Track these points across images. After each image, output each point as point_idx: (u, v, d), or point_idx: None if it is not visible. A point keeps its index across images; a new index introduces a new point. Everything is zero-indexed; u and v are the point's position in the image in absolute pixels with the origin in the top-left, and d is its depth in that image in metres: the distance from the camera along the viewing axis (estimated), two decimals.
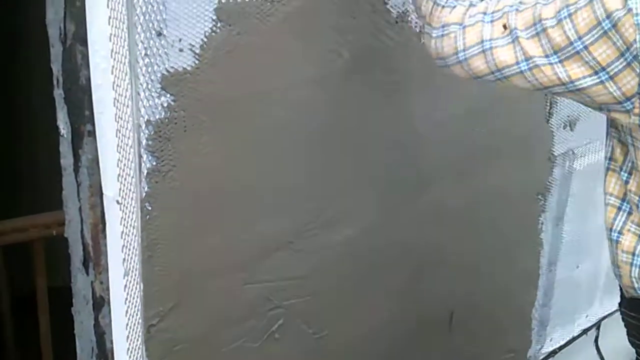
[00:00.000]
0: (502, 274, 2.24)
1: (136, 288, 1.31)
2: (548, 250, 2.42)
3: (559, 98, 2.16)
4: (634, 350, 1.43)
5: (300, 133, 1.53)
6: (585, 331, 2.71)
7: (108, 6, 1.25)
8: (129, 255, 1.29)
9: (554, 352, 2.60)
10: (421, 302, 1.99)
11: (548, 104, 2.19)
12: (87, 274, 1.35)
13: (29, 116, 3.39)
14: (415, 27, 1.71)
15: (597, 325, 2.77)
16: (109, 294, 1.34)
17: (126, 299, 1.32)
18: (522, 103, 2.09)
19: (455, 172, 1.93)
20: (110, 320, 1.36)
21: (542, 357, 2.57)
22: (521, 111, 2.10)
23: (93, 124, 1.29)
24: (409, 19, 1.69)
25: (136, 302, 1.32)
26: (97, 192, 1.30)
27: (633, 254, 1.30)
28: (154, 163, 1.28)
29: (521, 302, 2.42)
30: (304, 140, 1.55)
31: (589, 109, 1.26)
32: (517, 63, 1.18)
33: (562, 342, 2.59)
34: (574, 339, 2.66)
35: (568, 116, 2.29)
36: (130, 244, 1.29)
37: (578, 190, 2.44)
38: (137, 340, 1.34)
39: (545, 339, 2.56)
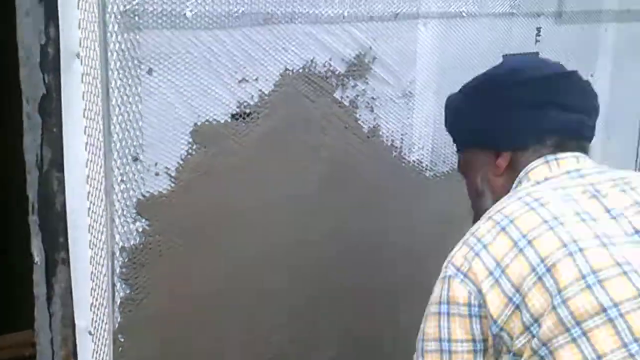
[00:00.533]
0: None
1: None
2: None
3: None
4: None
5: (275, 254, 1.53)
6: None
7: (85, 132, 1.26)
8: None
9: None
10: None
11: None
12: None
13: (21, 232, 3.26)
14: (387, 141, 1.74)
15: None
16: None
17: None
18: None
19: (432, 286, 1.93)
20: None
21: None
22: None
23: (67, 252, 1.27)
24: (380, 133, 1.72)
25: None
26: (70, 323, 1.27)
27: None
28: (128, 291, 1.26)
29: None
30: (278, 262, 1.54)
31: None
32: None
33: None
34: None
35: None
36: None
37: None
38: None
39: None
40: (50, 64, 1.25)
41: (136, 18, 1.21)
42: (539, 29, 2.05)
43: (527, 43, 2.04)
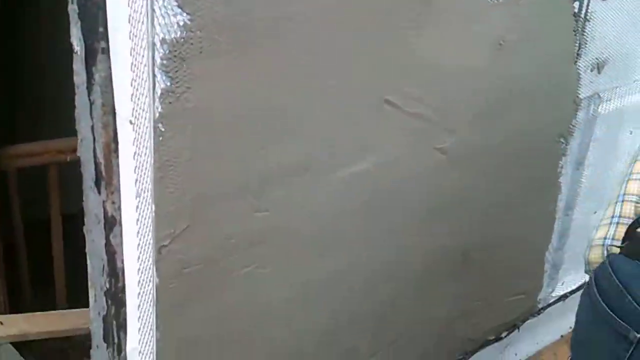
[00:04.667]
0: (517, 215, 2.22)
1: (148, 209, 1.29)
2: (566, 194, 2.39)
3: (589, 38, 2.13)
4: None
5: (319, 63, 1.49)
6: None
7: None
8: (141, 176, 1.28)
9: (565, 296, 2.59)
10: (436, 240, 1.98)
11: (577, 44, 2.13)
12: (99, 193, 1.34)
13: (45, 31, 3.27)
14: None
15: None
16: (120, 214, 1.33)
17: (138, 219, 1.31)
18: (550, 43, 2.03)
19: (477, 112, 1.89)
20: (122, 240, 1.36)
21: (552, 300, 2.57)
22: (549, 52, 2.05)
23: (107, 41, 1.26)
24: None
25: (148, 222, 1.31)
26: (110, 111, 1.28)
27: None
28: (168, 84, 1.25)
29: (535, 245, 2.41)
30: (322, 69, 1.50)
31: None
32: None
33: (574, 287, 2.58)
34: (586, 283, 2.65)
35: (597, 58, 2.23)
36: (142, 165, 1.27)
37: (601, 135, 2.39)
38: (148, 260, 1.34)
39: (557, 283, 2.55)
40: None
41: None
42: None
43: None
